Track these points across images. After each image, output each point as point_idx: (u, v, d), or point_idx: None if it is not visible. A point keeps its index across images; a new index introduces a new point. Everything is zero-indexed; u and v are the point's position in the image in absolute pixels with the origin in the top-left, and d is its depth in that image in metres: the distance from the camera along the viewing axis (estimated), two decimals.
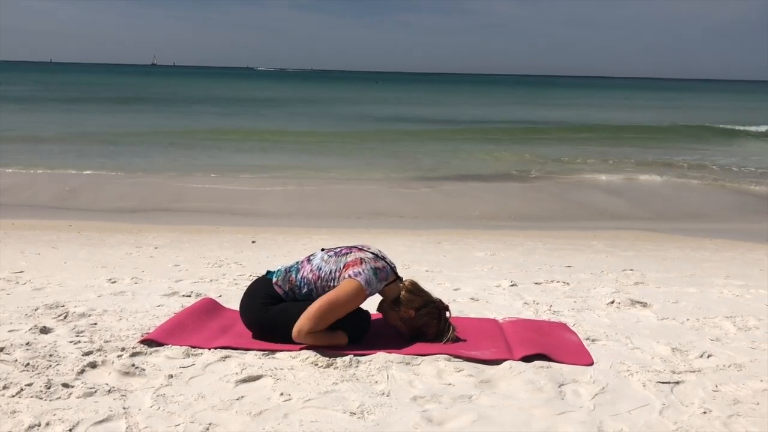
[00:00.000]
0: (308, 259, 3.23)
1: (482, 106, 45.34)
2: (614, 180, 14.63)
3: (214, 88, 61.67)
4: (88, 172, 13.55)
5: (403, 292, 3.19)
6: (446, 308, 3.25)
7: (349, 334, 3.09)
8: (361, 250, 3.20)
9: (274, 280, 3.22)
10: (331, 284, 3.11)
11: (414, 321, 3.17)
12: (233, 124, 25.37)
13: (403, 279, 3.28)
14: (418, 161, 16.81)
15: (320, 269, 3.15)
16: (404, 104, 44.83)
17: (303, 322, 2.98)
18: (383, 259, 3.20)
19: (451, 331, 3.18)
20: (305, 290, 3.16)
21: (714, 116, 35.95)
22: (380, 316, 3.58)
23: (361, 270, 3.07)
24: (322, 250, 3.27)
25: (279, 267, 3.30)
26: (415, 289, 3.22)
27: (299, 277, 3.18)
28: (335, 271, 3.12)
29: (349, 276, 3.06)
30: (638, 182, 14.49)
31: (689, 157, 19.10)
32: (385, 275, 3.15)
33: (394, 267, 3.25)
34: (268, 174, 14.07)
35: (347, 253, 3.17)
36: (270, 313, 3.14)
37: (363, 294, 3.05)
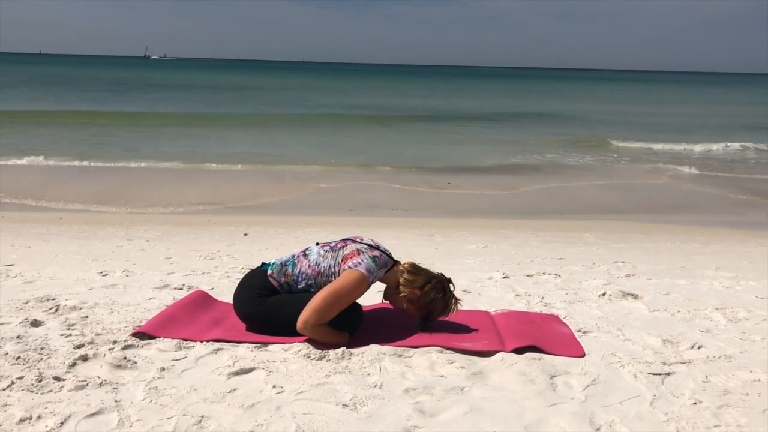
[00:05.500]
0: (304, 254, 3.22)
1: (473, 99, 45.32)
2: (607, 174, 14.67)
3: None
4: (78, 163, 13.47)
5: (405, 275, 3.20)
6: (449, 281, 3.27)
7: (342, 327, 3.10)
8: (355, 241, 3.21)
9: (269, 272, 3.21)
10: (332, 279, 3.11)
11: (421, 300, 3.18)
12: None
13: (402, 262, 3.30)
14: (410, 154, 16.79)
15: (318, 264, 3.15)
16: (395, 96, 44.72)
17: (309, 314, 2.98)
18: (377, 247, 3.22)
19: (456, 303, 3.22)
20: (302, 285, 3.16)
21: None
22: (373, 307, 3.58)
23: (360, 260, 3.08)
24: (317, 244, 3.27)
25: (274, 260, 3.29)
26: (414, 269, 3.24)
27: (296, 271, 3.17)
28: (334, 265, 3.13)
29: (350, 267, 3.07)
30: (632, 177, 14.53)
31: (681, 151, 19.22)
32: (383, 262, 3.17)
33: (390, 253, 3.27)
34: (259, 163, 14.09)
35: (343, 247, 3.18)
36: (265, 305, 3.13)
37: (366, 282, 3.06)
